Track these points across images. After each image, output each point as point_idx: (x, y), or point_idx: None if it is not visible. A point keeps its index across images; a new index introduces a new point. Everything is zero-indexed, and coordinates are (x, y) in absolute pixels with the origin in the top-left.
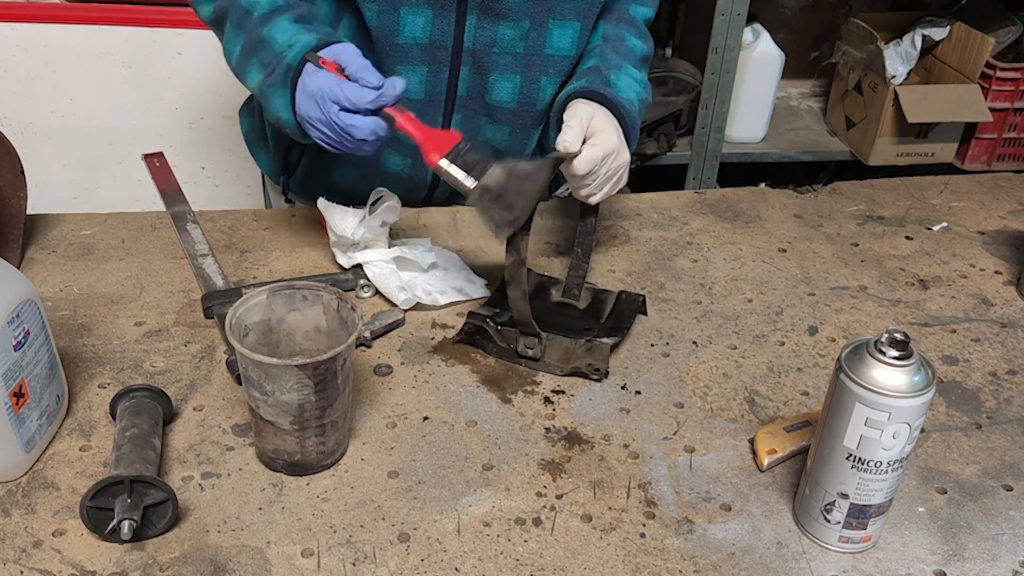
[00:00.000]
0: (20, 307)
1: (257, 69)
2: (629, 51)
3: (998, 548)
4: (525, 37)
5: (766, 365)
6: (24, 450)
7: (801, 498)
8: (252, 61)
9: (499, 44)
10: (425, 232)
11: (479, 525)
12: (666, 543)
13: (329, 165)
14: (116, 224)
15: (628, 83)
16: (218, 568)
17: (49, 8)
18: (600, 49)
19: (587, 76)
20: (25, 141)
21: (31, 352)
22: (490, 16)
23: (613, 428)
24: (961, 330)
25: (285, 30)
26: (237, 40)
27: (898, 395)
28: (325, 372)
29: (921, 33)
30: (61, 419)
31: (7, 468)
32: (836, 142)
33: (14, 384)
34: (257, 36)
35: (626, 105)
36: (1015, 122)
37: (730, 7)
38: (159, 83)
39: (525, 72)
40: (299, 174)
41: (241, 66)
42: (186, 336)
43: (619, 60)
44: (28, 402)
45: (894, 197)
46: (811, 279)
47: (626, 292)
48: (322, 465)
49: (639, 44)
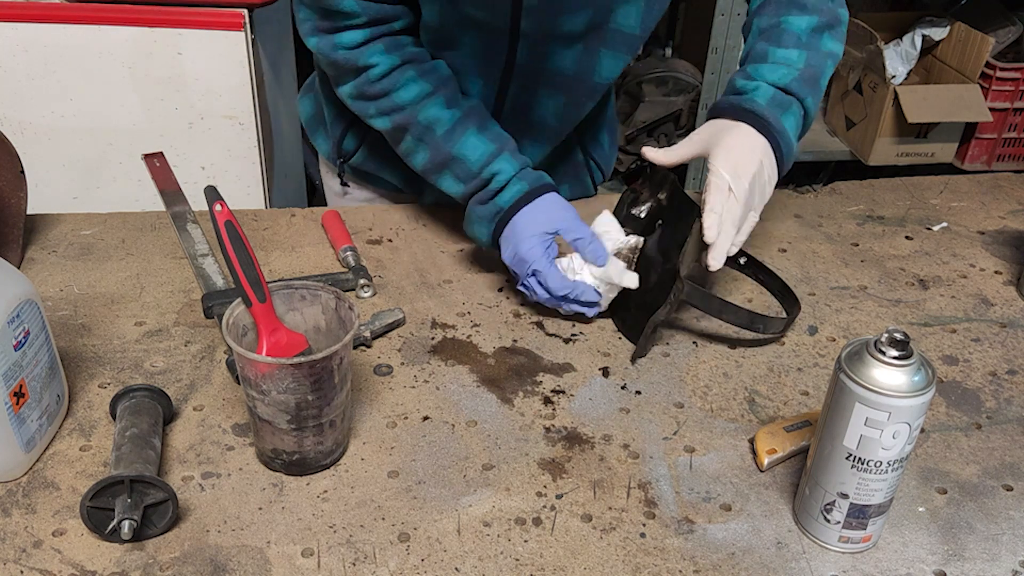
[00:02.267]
0: (20, 307)
1: (454, 181)
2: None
3: (998, 548)
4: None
5: (766, 365)
6: (24, 450)
7: (801, 498)
8: (445, 173)
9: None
10: (424, 232)
11: (479, 525)
12: (666, 543)
13: (385, 157)
14: (116, 224)
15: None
16: (218, 568)
17: (49, 8)
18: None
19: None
20: (25, 141)
21: (31, 352)
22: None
23: (613, 428)
24: (961, 330)
25: (475, 147)
26: (420, 151)
27: (898, 395)
28: (321, 371)
29: (921, 33)
30: (61, 419)
31: (7, 468)
32: (836, 142)
33: (14, 384)
34: (447, 154)
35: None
36: (1015, 122)
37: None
38: (159, 83)
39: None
40: (356, 161)
41: (430, 175)
42: (186, 336)
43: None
44: (28, 402)
45: (894, 197)
46: (811, 279)
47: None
48: (321, 465)
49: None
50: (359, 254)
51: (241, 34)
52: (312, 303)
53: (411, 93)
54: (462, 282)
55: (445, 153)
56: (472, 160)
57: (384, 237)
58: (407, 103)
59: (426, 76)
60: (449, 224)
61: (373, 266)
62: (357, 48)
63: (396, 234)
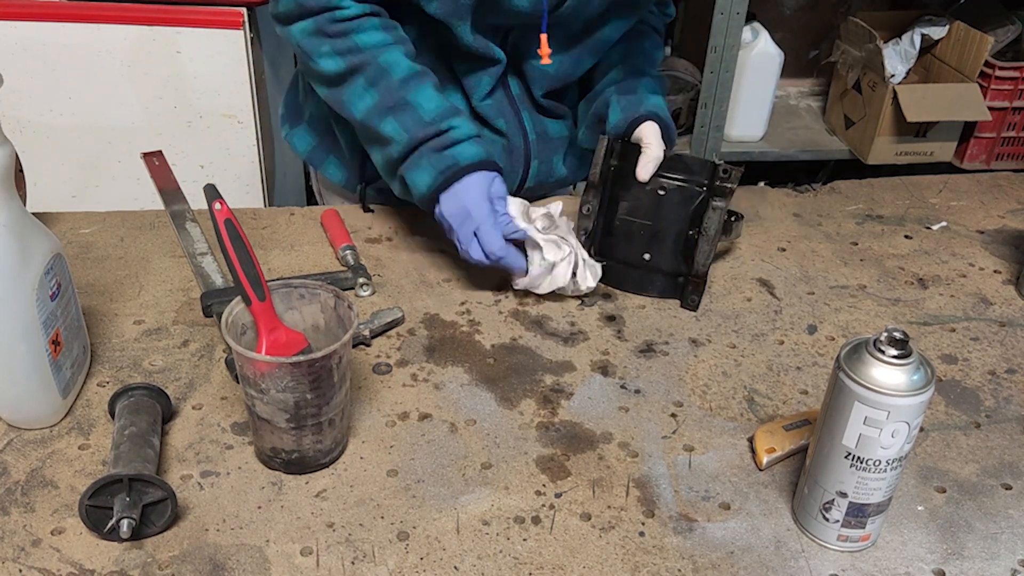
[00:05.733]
0: (52, 260)
1: (396, 127)
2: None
3: (997, 547)
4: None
5: (765, 364)
6: (62, 396)
7: (800, 497)
8: (388, 118)
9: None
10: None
11: (478, 524)
12: (665, 542)
13: None
14: (115, 223)
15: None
16: (217, 567)
17: (48, 6)
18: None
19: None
20: (24, 140)
21: (63, 303)
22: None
23: (612, 427)
24: (960, 329)
25: (431, 97)
26: (367, 95)
27: (897, 394)
28: (321, 370)
29: (920, 32)
30: (86, 370)
31: (48, 413)
32: (835, 141)
33: (51, 332)
34: (399, 98)
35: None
36: (1014, 121)
37: (729, 6)
38: (158, 82)
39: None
40: (380, 183)
41: (371, 118)
42: (185, 335)
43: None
44: (63, 350)
45: (893, 196)
46: (810, 278)
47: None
48: (320, 463)
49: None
50: (358, 253)
51: (240, 33)
52: (311, 302)
53: (373, 38)
54: (461, 281)
55: (397, 97)
56: (427, 109)
57: (383, 236)
58: (367, 46)
59: (388, 30)
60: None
61: (372, 265)
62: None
63: (395, 233)
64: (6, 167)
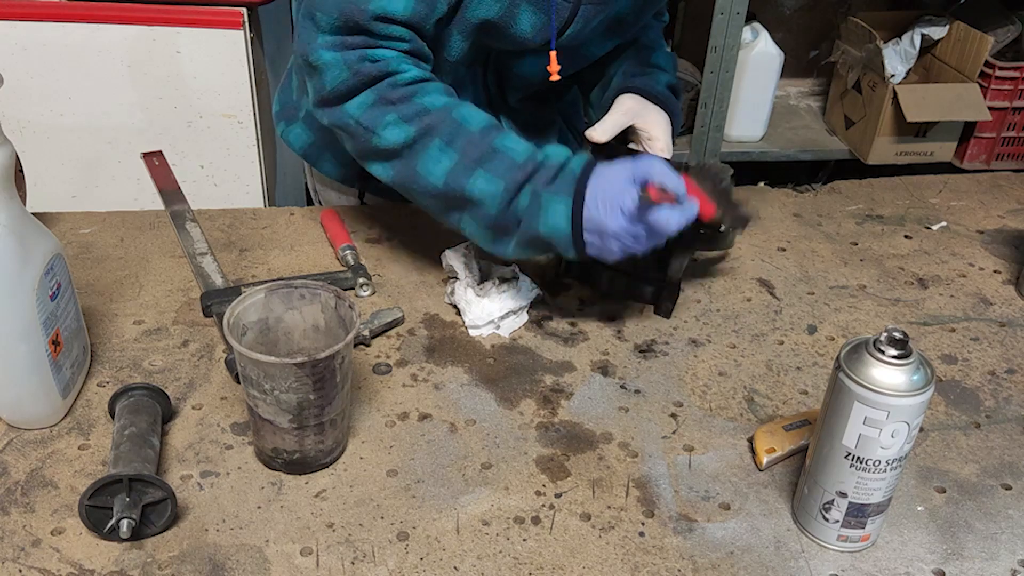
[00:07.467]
0: (52, 260)
1: (491, 179)
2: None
3: (997, 547)
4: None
5: (765, 364)
6: (62, 396)
7: (800, 497)
8: (478, 173)
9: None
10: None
11: (478, 524)
12: (665, 542)
13: None
14: (115, 223)
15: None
16: (217, 567)
17: (48, 6)
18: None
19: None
20: (23, 140)
21: (63, 303)
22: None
23: (612, 427)
24: (960, 329)
25: (518, 141)
26: (446, 155)
27: (897, 394)
28: (323, 370)
29: (920, 32)
30: (86, 371)
31: (48, 413)
32: (835, 141)
33: (51, 332)
34: (485, 147)
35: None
36: (1014, 121)
37: (729, 6)
38: (158, 82)
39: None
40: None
41: (455, 179)
42: (185, 335)
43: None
44: (63, 350)
45: (893, 196)
46: (810, 278)
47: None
48: (321, 464)
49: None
50: (358, 253)
51: (240, 32)
52: (312, 302)
53: (439, 100)
54: None
55: (483, 147)
56: (517, 151)
57: (383, 236)
58: (436, 107)
59: (451, 92)
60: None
61: (372, 265)
62: (386, 60)
63: (395, 233)
64: (6, 167)
